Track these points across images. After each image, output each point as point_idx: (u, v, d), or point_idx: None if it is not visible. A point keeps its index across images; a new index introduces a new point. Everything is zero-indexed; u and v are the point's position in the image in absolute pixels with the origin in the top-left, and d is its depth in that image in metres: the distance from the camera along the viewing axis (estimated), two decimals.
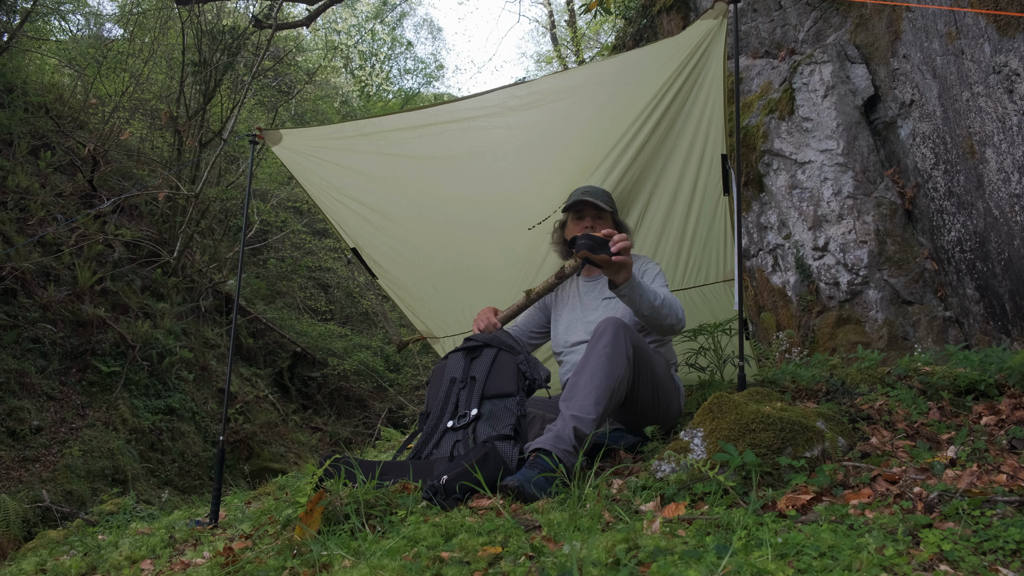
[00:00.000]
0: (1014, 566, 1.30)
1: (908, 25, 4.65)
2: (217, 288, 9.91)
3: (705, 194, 3.16)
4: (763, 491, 1.76)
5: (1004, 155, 4.00)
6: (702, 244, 3.31)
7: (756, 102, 5.75)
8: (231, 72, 10.53)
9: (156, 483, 6.80)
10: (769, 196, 5.56)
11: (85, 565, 2.58)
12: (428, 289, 3.68)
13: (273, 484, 4.00)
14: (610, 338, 2.26)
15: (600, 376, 2.20)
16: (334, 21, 18.78)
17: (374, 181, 3.34)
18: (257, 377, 9.76)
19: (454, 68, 40.42)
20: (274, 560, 1.75)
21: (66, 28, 12.01)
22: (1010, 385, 2.55)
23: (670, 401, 2.56)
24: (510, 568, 1.41)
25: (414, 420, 9.46)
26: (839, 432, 2.01)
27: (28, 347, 6.84)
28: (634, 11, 8.02)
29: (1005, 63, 3.95)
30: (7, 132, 8.70)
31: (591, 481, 1.96)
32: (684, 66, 2.89)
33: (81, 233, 8.36)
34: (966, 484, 1.67)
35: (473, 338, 2.67)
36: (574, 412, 2.15)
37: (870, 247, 4.84)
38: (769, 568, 1.23)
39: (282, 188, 12.68)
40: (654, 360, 2.46)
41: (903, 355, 4.16)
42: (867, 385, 2.83)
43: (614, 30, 12.42)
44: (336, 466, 2.19)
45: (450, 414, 2.45)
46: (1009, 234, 4.00)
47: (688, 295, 3.45)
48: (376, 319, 13.07)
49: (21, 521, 5.18)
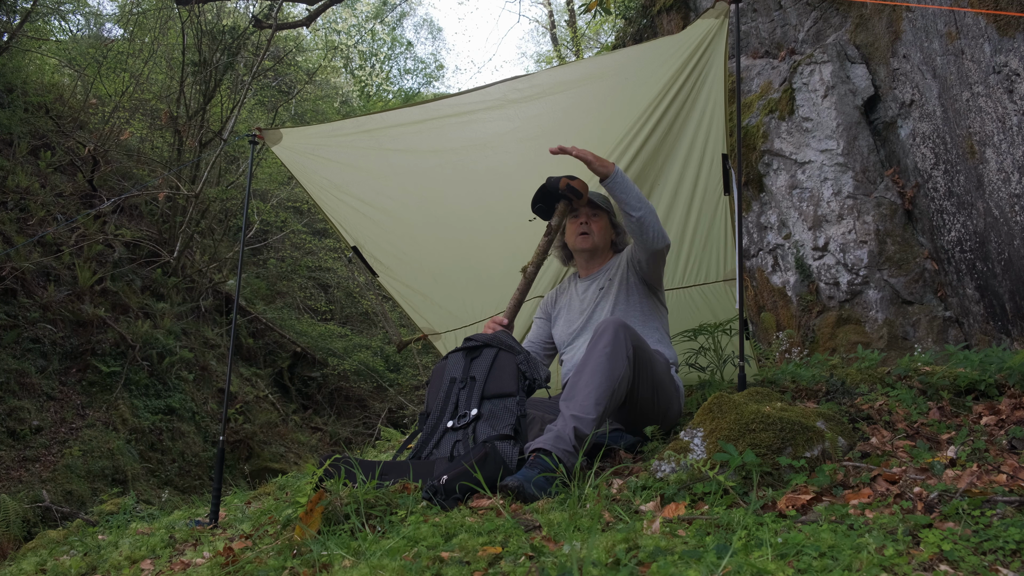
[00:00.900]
0: (1014, 566, 1.30)
1: (908, 25, 4.65)
2: (217, 288, 9.91)
3: (705, 194, 3.16)
4: (763, 491, 1.76)
5: (1004, 155, 4.00)
6: (702, 243, 3.31)
7: (756, 102, 5.75)
8: (231, 72, 10.53)
9: (156, 483, 6.80)
10: (769, 196, 5.56)
11: (85, 565, 2.58)
12: (430, 284, 3.67)
13: (273, 484, 4.00)
14: (611, 338, 2.26)
15: (601, 376, 2.20)
16: (334, 21, 18.78)
17: (375, 177, 3.34)
18: (257, 377, 9.76)
19: (454, 68, 40.42)
20: (274, 560, 1.75)
21: (66, 28, 12.01)
22: (1010, 385, 2.55)
23: (670, 401, 2.56)
24: (510, 568, 1.41)
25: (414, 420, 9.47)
26: (839, 432, 2.01)
27: (28, 347, 6.84)
28: (634, 11, 8.02)
29: (1005, 63, 3.95)
30: (7, 132, 8.70)
31: (591, 481, 1.96)
32: (686, 65, 2.89)
33: (81, 233, 8.36)
34: (966, 484, 1.67)
35: (473, 338, 2.67)
36: (574, 412, 2.15)
37: (870, 247, 4.84)
38: (769, 568, 1.23)
39: (282, 188, 12.68)
40: (654, 360, 2.46)
41: (903, 355, 4.15)
42: (867, 385, 2.83)
43: (614, 30, 12.41)
44: (336, 466, 2.19)
45: (450, 414, 2.45)
46: (1009, 234, 3.99)
47: (688, 294, 3.44)
48: (376, 319, 13.07)
49: (21, 521, 5.18)
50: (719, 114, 2.94)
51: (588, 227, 2.91)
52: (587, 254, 2.96)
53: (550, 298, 3.11)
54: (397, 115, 3.18)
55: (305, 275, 13.01)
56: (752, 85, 5.96)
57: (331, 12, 17.65)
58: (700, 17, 2.81)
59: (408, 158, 3.26)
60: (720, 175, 3.03)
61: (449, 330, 3.81)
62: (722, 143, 2.98)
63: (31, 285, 7.26)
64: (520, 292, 2.78)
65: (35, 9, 9.72)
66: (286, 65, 14.05)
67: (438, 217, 3.48)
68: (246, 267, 11.73)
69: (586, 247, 2.92)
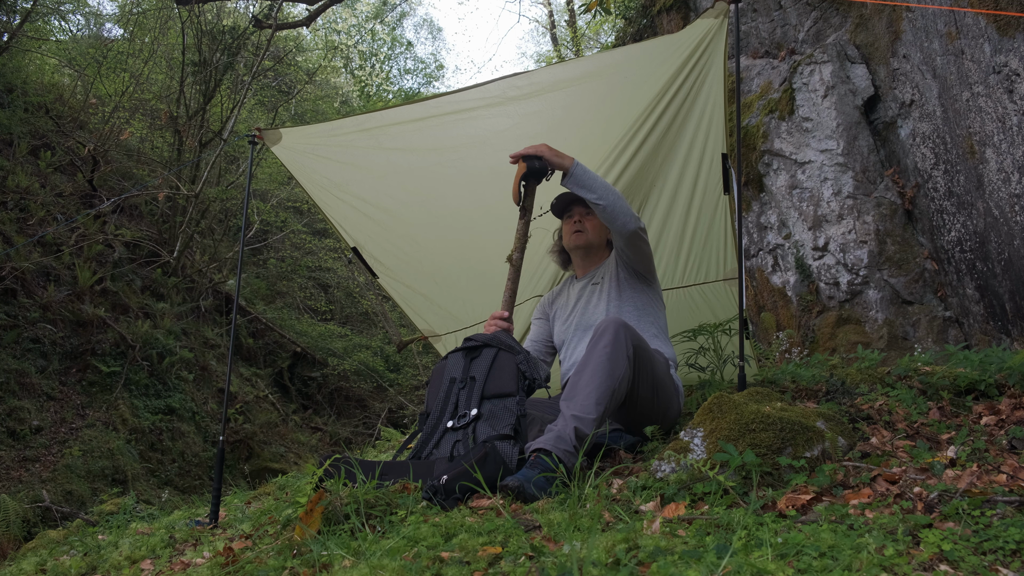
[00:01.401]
0: (1014, 566, 1.30)
1: (908, 25, 4.65)
2: (217, 288, 9.91)
3: (705, 193, 3.16)
4: (763, 491, 1.76)
5: (1004, 155, 4.00)
6: (702, 242, 3.31)
7: (756, 102, 5.76)
8: (231, 72, 10.53)
9: (156, 483, 6.80)
10: (769, 196, 5.56)
11: (85, 565, 2.58)
12: (430, 284, 3.67)
13: (273, 484, 4.00)
14: (611, 338, 2.26)
15: (601, 376, 2.20)
16: (334, 21, 18.78)
17: (375, 176, 3.33)
18: (257, 377, 9.76)
19: (454, 68, 40.43)
20: (274, 560, 1.75)
21: (66, 28, 12.01)
22: (1010, 385, 2.55)
23: (670, 401, 2.56)
24: (510, 568, 1.41)
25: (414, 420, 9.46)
26: (839, 432, 2.01)
27: (28, 347, 6.84)
28: (634, 11, 8.02)
29: (1005, 63, 3.95)
30: (7, 132, 8.70)
31: (591, 481, 1.96)
32: (685, 65, 2.89)
33: (81, 233, 8.36)
34: (966, 484, 1.67)
35: (473, 338, 2.67)
36: (575, 412, 2.15)
37: (870, 247, 4.84)
38: (769, 568, 1.23)
39: (282, 188, 12.68)
40: (654, 360, 2.46)
41: (903, 355, 4.15)
42: (867, 385, 2.83)
43: (614, 30, 12.41)
44: (336, 466, 2.19)
45: (450, 414, 2.45)
46: (1009, 234, 3.99)
47: (688, 294, 3.44)
48: (376, 319, 13.07)
49: (21, 521, 5.18)
50: (719, 113, 2.94)
51: (582, 224, 2.93)
52: (582, 251, 2.97)
53: (548, 299, 3.12)
54: (396, 113, 3.18)
55: (305, 275, 13.02)
56: (752, 85, 5.96)
57: (331, 12, 17.66)
58: (700, 17, 2.81)
59: (408, 156, 3.26)
60: (720, 174, 3.03)
61: (449, 332, 3.80)
62: (722, 142, 2.98)
63: (31, 285, 7.26)
64: (511, 282, 2.74)
65: (35, 9, 9.72)
66: (286, 65, 14.05)
67: (438, 216, 3.48)
68: (246, 267, 11.73)
69: (580, 244, 2.94)
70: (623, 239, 2.67)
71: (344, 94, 18.64)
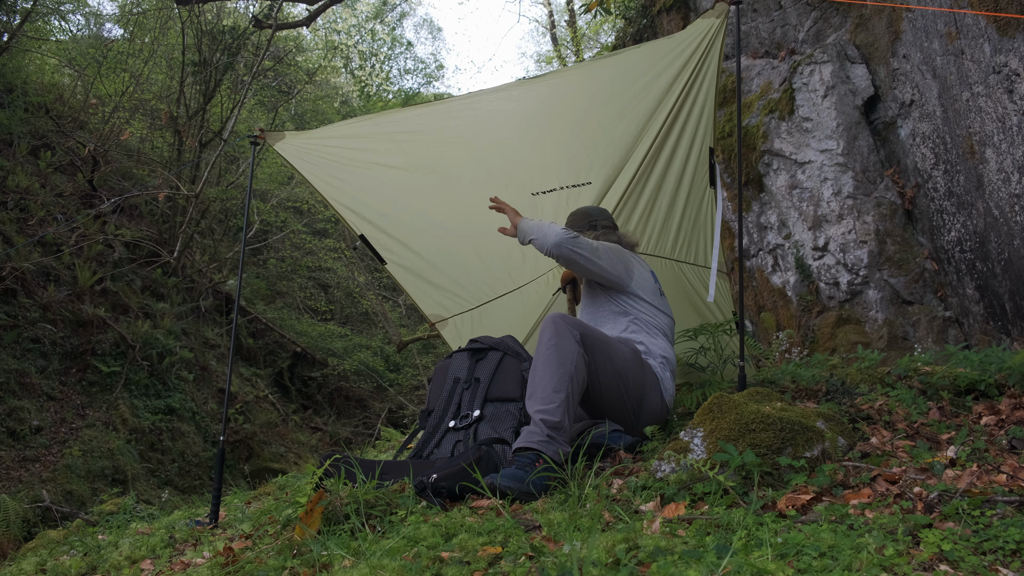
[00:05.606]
0: (1014, 566, 1.30)
1: (908, 25, 4.65)
2: (217, 288, 9.91)
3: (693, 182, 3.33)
4: (763, 491, 1.76)
5: (1004, 155, 4.00)
6: (691, 224, 3.47)
7: (756, 102, 5.76)
8: (231, 72, 10.53)
9: (156, 483, 6.80)
10: (769, 196, 5.56)
11: (85, 565, 2.58)
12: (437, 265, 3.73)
13: (273, 484, 4.00)
14: (552, 330, 2.32)
15: (553, 365, 2.24)
16: (334, 21, 18.77)
17: (379, 154, 3.35)
18: (257, 377, 9.76)
19: (454, 68, 40.38)
20: (274, 560, 1.75)
21: (66, 28, 12.01)
22: (1010, 385, 2.55)
23: (644, 390, 2.54)
24: (510, 568, 1.41)
25: (414, 420, 9.46)
26: (839, 432, 2.01)
27: (28, 347, 6.84)
28: (634, 11, 8.02)
29: (1005, 63, 3.95)
30: (7, 132, 8.69)
31: (591, 481, 1.96)
32: (687, 65, 2.92)
33: (81, 233, 8.36)
34: (966, 484, 1.67)
35: (479, 340, 2.69)
36: (537, 407, 2.20)
37: (870, 247, 4.84)
38: (769, 568, 1.23)
39: (282, 188, 12.69)
40: (611, 345, 2.48)
41: (903, 355, 4.15)
42: (867, 385, 2.83)
43: (614, 30, 12.42)
44: (336, 466, 2.19)
45: (452, 414, 2.45)
46: (1009, 234, 3.99)
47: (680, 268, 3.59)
48: (376, 319, 13.07)
49: (21, 521, 5.18)
50: (710, 108, 3.03)
51: None
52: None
53: None
54: (403, 111, 3.23)
55: (305, 275, 13.02)
56: (752, 85, 5.96)
57: (331, 12, 17.64)
58: (700, 17, 2.82)
59: (412, 138, 3.29)
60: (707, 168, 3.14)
61: (456, 313, 3.86)
62: (710, 136, 3.05)
63: (31, 285, 7.26)
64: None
65: (35, 9, 9.72)
66: (286, 65, 14.05)
67: (445, 196, 3.51)
68: (246, 267, 11.73)
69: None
70: (557, 261, 2.76)
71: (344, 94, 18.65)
